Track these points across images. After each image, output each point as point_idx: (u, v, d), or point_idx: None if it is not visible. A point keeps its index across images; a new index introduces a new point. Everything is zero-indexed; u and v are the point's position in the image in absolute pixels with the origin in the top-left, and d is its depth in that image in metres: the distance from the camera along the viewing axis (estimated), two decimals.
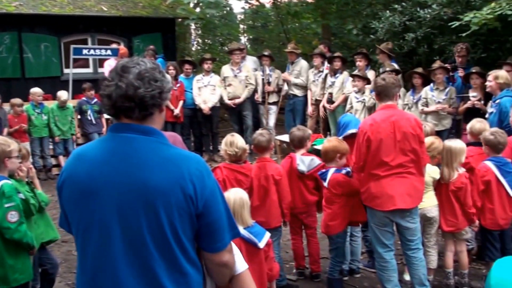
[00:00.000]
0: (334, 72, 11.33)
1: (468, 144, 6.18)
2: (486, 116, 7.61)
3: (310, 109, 12.07)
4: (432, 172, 5.71)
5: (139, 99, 2.36)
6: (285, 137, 12.14)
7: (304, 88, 12.18)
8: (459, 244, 5.94)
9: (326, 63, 11.71)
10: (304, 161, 6.00)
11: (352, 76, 10.40)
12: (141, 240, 2.33)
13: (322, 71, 11.73)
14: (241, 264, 2.74)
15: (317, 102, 11.87)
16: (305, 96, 12.20)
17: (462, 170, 5.80)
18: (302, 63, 12.33)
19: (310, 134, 6.31)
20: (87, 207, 2.40)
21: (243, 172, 5.80)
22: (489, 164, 5.86)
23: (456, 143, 5.78)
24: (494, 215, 5.85)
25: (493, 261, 2.18)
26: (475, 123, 6.47)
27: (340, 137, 6.02)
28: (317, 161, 5.99)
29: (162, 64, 12.49)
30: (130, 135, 2.41)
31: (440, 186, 5.80)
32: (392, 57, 10.64)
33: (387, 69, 9.74)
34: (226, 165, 5.82)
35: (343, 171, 5.60)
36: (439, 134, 8.70)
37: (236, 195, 4.25)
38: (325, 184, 5.61)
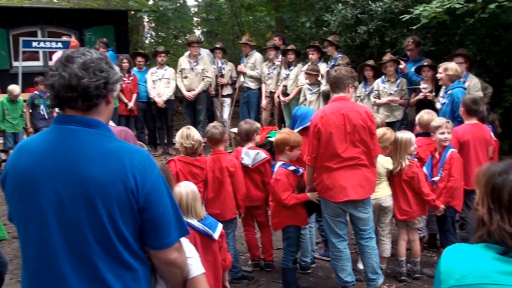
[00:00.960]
0: (288, 65, 11.39)
1: (417, 135, 6.32)
2: (439, 106, 7.76)
3: (264, 101, 12.10)
4: (385, 162, 5.79)
5: (82, 89, 2.31)
6: None
7: (259, 80, 12.20)
8: (411, 233, 6.05)
9: (280, 56, 11.76)
10: (249, 155, 5.99)
11: (306, 73, 10.48)
12: (81, 234, 2.27)
13: (276, 64, 11.77)
14: (197, 268, 2.69)
15: (271, 95, 11.92)
16: (259, 89, 12.23)
17: (414, 160, 5.92)
18: (257, 56, 12.35)
19: (258, 128, 6.28)
20: (27, 200, 2.35)
21: (197, 165, 5.80)
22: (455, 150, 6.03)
23: (404, 134, 5.89)
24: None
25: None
26: (423, 114, 6.63)
27: (296, 130, 6.02)
28: (263, 155, 6.00)
29: (112, 57, 12.33)
30: (73, 127, 2.35)
31: (392, 176, 5.89)
32: (340, 49, 10.74)
33: (340, 62, 9.80)
34: (181, 158, 5.80)
35: (291, 168, 5.61)
36: (391, 125, 8.83)
37: (187, 188, 4.25)
38: (273, 176, 5.63)
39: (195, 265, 2.70)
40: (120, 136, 3.62)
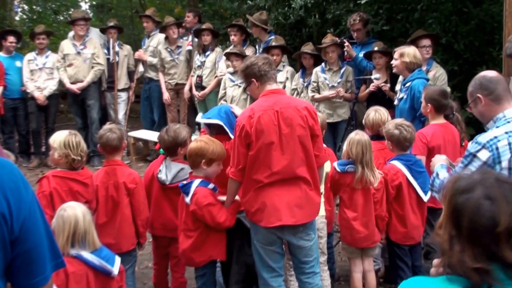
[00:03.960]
0: (202, 49, 11.27)
1: None
2: (395, 102, 7.77)
3: (166, 95, 11.98)
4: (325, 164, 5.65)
5: None
6: (141, 133, 12.00)
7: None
8: (367, 262, 6.00)
9: (190, 37, 11.66)
10: (170, 169, 5.81)
11: (227, 54, 10.35)
12: None
13: (187, 48, 11.70)
14: None
15: (176, 87, 11.80)
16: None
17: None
18: (161, 37, 12.22)
19: (186, 136, 5.96)
20: None
21: (80, 181, 5.55)
22: (398, 164, 5.97)
23: (363, 137, 5.77)
24: (407, 226, 5.99)
25: None
26: (370, 113, 6.59)
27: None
28: (188, 171, 5.73)
29: None
30: None
31: None
32: (270, 31, 10.63)
33: (274, 43, 9.73)
34: (56, 173, 5.53)
35: (210, 186, 5.43)
36: (335, 126, 8.86)
37: (84, 210, 4.23)
38: (187, 200, 5.36)
39: None
40: None
